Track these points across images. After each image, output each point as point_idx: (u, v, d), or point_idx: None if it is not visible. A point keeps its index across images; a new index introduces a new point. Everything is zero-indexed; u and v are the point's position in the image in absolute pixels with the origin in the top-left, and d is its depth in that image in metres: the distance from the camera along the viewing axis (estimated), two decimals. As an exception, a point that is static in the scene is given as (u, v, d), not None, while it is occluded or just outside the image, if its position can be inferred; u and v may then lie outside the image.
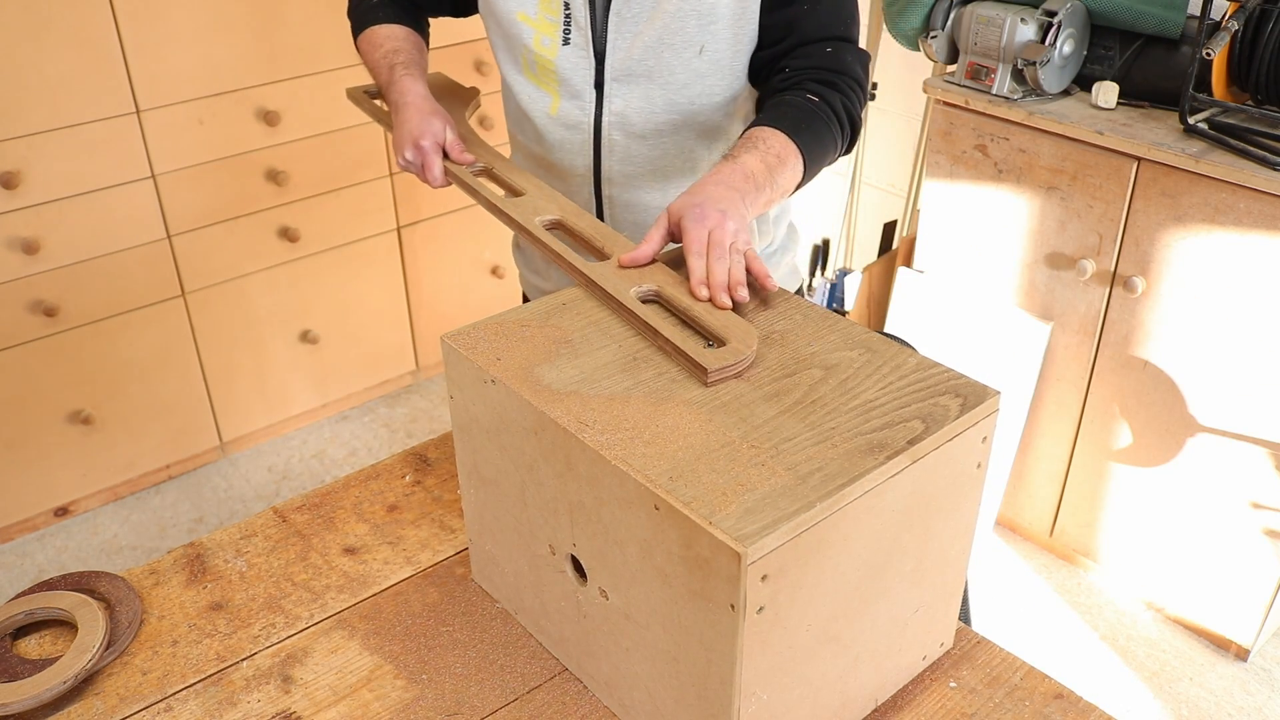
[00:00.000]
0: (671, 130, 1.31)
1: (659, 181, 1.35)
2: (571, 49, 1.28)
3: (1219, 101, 1.93)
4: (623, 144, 1.32)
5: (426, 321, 2.93)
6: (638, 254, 1.07)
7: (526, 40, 1.30)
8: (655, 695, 0.88)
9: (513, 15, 1.30)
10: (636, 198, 1.36)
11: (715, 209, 1.05)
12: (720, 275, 1.01)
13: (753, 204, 1.09)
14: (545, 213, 1.21)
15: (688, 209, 1.06)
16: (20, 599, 1.06)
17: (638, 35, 1.25)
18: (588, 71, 1.29)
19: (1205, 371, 1.96)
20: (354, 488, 1.24)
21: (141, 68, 2.21)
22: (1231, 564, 2.03)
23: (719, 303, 0.99)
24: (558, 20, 1.28)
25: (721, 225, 1.04)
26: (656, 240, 1.08)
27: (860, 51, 1.26)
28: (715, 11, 1.24)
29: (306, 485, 2.61)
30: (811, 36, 1.23)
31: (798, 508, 0.76)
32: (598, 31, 1.27)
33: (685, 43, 1.25)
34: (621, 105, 1.29)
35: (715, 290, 1.00)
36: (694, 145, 1.33)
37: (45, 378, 2.30)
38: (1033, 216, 2.14)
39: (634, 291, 1.02)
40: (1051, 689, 0.98)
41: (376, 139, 2.62)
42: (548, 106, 1.33)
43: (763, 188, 1.11)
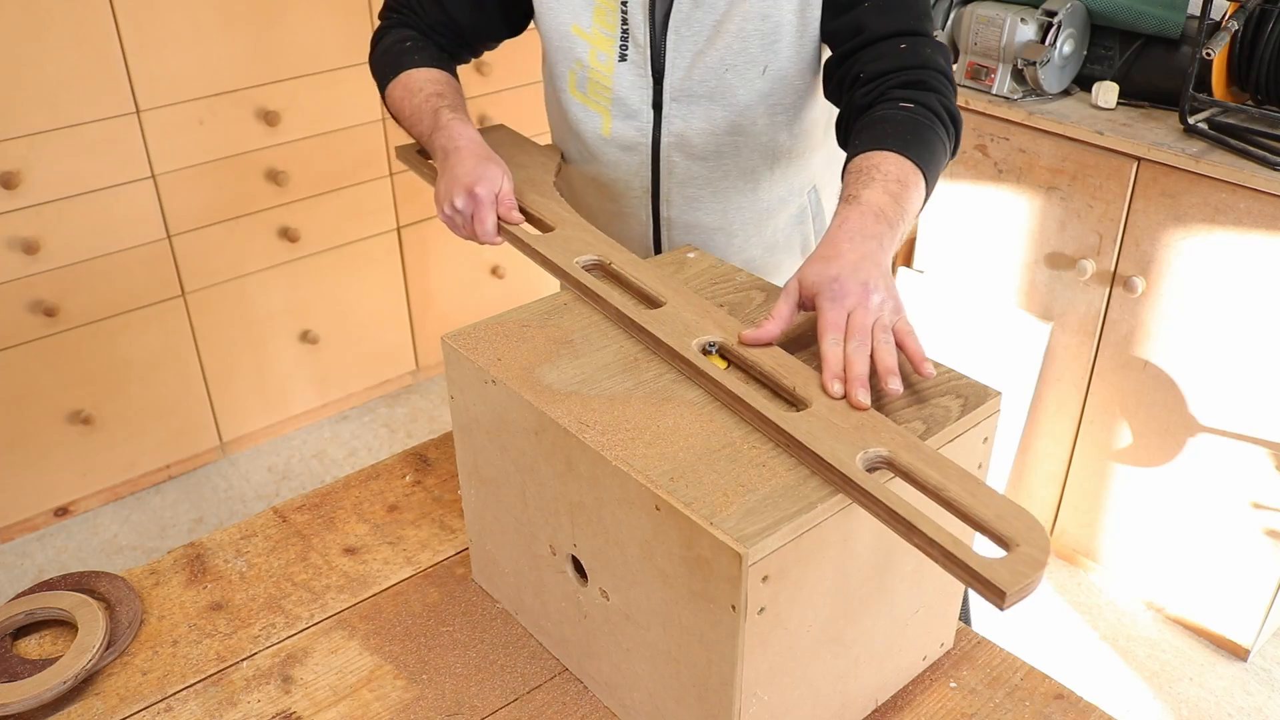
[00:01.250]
0: (733, 150, 1.25)
1: (719, 201, 1.29)
2: (628, 66, 1.22)
3: (1219, 101, 1.93)
4: (683, 165, 1.26)
5: (426, 321, 2.93)
6: (762, 332, 0.92)
7: (580, 54, 1.24)
8: (656, 696, 0.88)
9: (566, 28, 1.24)
10: (696, 219, 1.31)
11: (855, 280, 0.90)
12: (860, 366, 0.86)
13: (890, 246, 0.96)
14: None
15: (823, 283, 0.91)
16: (20, 599, 1.06)
17: (699, 55, 1.20)
18: (645, 90, 1.23)
19: (1205, 371, 1.96)
20: (354, 488, 1.24)
21: (141, 68, 2.21)
22: (1231, 564, 2.03)
23: (855, 399, 0.84)
24: (614, 35, 1.21)
25: (864, 302, 0.89)
26: (785, 315, 0.93)
27: (938, 43, 1.15)
28: (779, 30, 1.18)
29: (306, 485, 2.61)
30: (881, 33, 1.13)
31: (799, 508, 0.76)
32: (656, 49, 1.21)
33: (748, 63, 1.20)
34: (681, 126, 1.24)
35: (852, 384, 0.85)
36: (756, 164, 1.27)
37: (45, 378, 2.30)
38: (1033, 216, 2.14)
39: (860, 460, 0.79)
40: (1051, 689, 0.98)
41: (377, 139, 2.62)
42: (598, 127, 1.27)
43: (896, 223, 0.98)
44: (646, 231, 1.34)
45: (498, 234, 1.15)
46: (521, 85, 2.79)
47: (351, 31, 2.47)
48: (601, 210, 1.35)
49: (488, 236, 1.15)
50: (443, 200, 1.17)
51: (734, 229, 1.32)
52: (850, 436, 0.81)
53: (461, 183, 1.14)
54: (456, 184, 1.15)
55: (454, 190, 1.15)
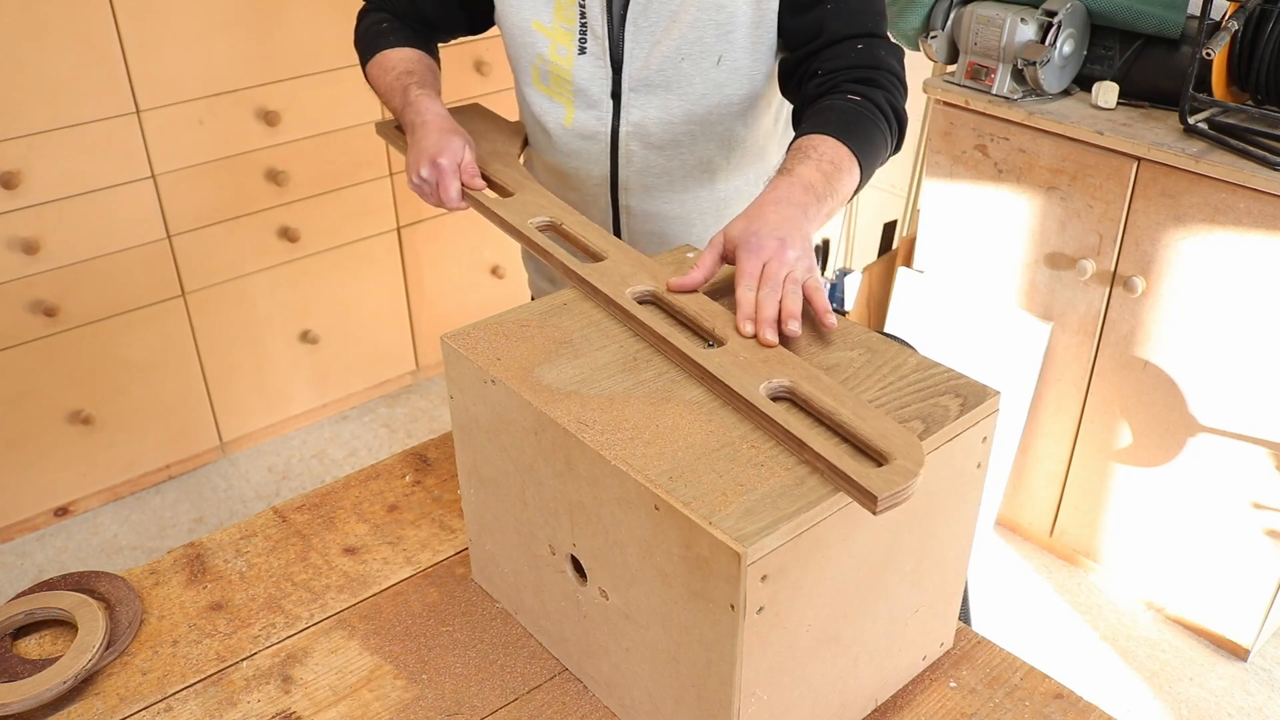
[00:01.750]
0: (689, 140, 1.29)
1: (676, 191, 1.33)
2: (588, 59, 1.26)
3: (1219, 101, 1.93)
4: (640, 154, 1.30)
5: (426, 321, 2.93)
6: (687, 280, 1.01)
7: (541, 49, 1.28)
8: (655, 695, 0.88)
9: (526, 24, 1.28)
10: (654, 207, 1.35)
11: (773, 237, 0.98)
12: (769, 309, 0.94)
13: (815, 217, 1.03)
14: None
15: (743, 237, 0.99)
16: (20, 599, 1.06)
17: (655, 45, 1.24)
18: (605, 81, 1.27)
19: (1205, 371, 1.96)
20: (354, 488, 1.24)
21: (141, 68, 2.21)
22: (1231, 564, 2.03)
23: (763, 338, 0.93)
24: (573, 29, 1.26)
25: (779, 255, 0.97)
26: (708, 264, 1.02)
27: (892, 45, 1.22)
28: (734, 21, 1.22)
29: (306, 485, 2.61)
30: (840, 35, 1.20)
31: (798, 508, 0.76)
32: (614, 41, 1.25)
33: (703, 53, 1.23)
34: (640, 115, 1.28)
35: (761, 325, 0.93)
36: (712, 154, 1.31)
37: (45, 378, 2.30)
38: (1033, 216, 2.14)
39: (764, 389, 0.88)
40: (1051, 689, 0.98)
41: (376, 139, 2.62)
42: (561, 117, 1.32)
43: (824, 198, 1.05)
44: (606, 220, 1.38)
45: (461, 199, 1.23)
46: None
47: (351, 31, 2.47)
48: (564, 199, 1.38)
49: (452, 202, 1.23)
50: (411, 170, 1.25)
51: (692, 218, 1.36)
52: (757, 370, 0.89)
53: (427, 153, 1.22)
54: (423, 155, 1.23)
55: (420, 160, 1.23)
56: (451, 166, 1.22)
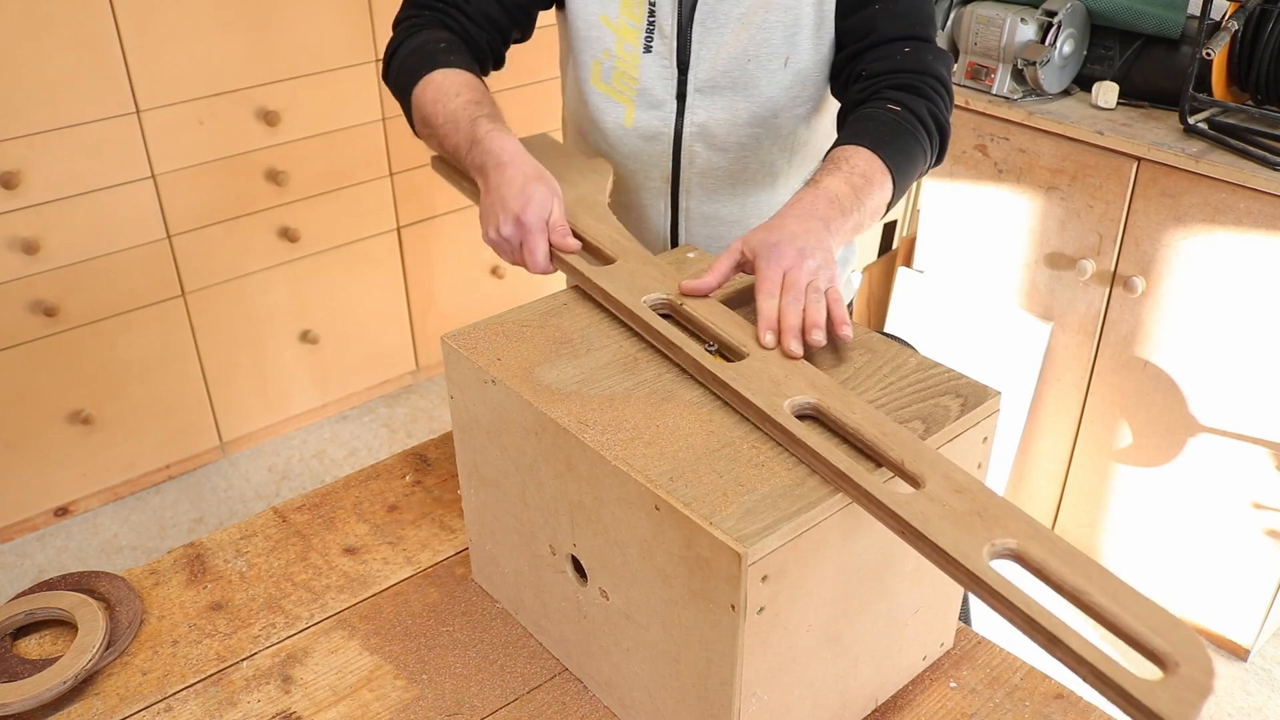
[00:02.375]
0: (754, 142, 1.27)
1: (738, 194, 1.31)
2: (654, 58, 1.24)
3: (1219, 101, 1.93)
4: (704, 156, 1.28)
5: (426, 321, 2.93)
6: (701, 284, 0.98)
7: (608, 44, 1.25)
8: (655, 695, 0.88)
9: (594, 17, 1.25)
10: (713, 210, 1.32)
11: (793, 247, 0.96)
12: (793, 318, 0.91)
13: (839, 231, 1.01)
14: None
15: (763, 247, 0.97)
16: (20, 599, 1.05)
17: (723, 46, 1.22)
18: (669, 81, 1.25)
19: (1205, 371, 1.96)
20: (354, 488, 1.24)
21: (141, 68, 2.21)
22: (1231, 564, 2.03)
23: (787, 349, 0.90)
24: (640, 27, 1.23)
25: (799, 265, 0.95)
26: (723, 270, 0.99)
27: (941, 51, 1.19)
28: (799, 23, 1.21)
29: (306, 485, 2.61)
30: (888, 36, 1.17)
31: (798, 508, 0.76)
32: (682, 41, 1.23)
33: (770, 54, 1.22)
34: (704, 117, 1.26)
35: (785, 335, 0.91)
36: (775, 157, 1.29)
37: (45, 378, 2.30)
38: (1033, 216, 2.14)
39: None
40: (1051, 689, 0.98)
41: (377, 139, 2.62)
42: (621, 117, 1.28)
43: (849, 212, 1.02)
44: (664, 222, 1.35)
45: (551, 263, 1.07)
46: (526, 84, 2.79)
47: (351, 31, 2.47)
48: (618, 200, 1.35)
49: (539, 268, 1.07)
50: (488, 224, 1.08)
51: (750, 221, 1.33)
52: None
53: (509, 207, 1.06)
54: (504, 209, 1.06)
55: (501, 215, 1.07)
56: (539, 224, 1.05)
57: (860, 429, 0.82)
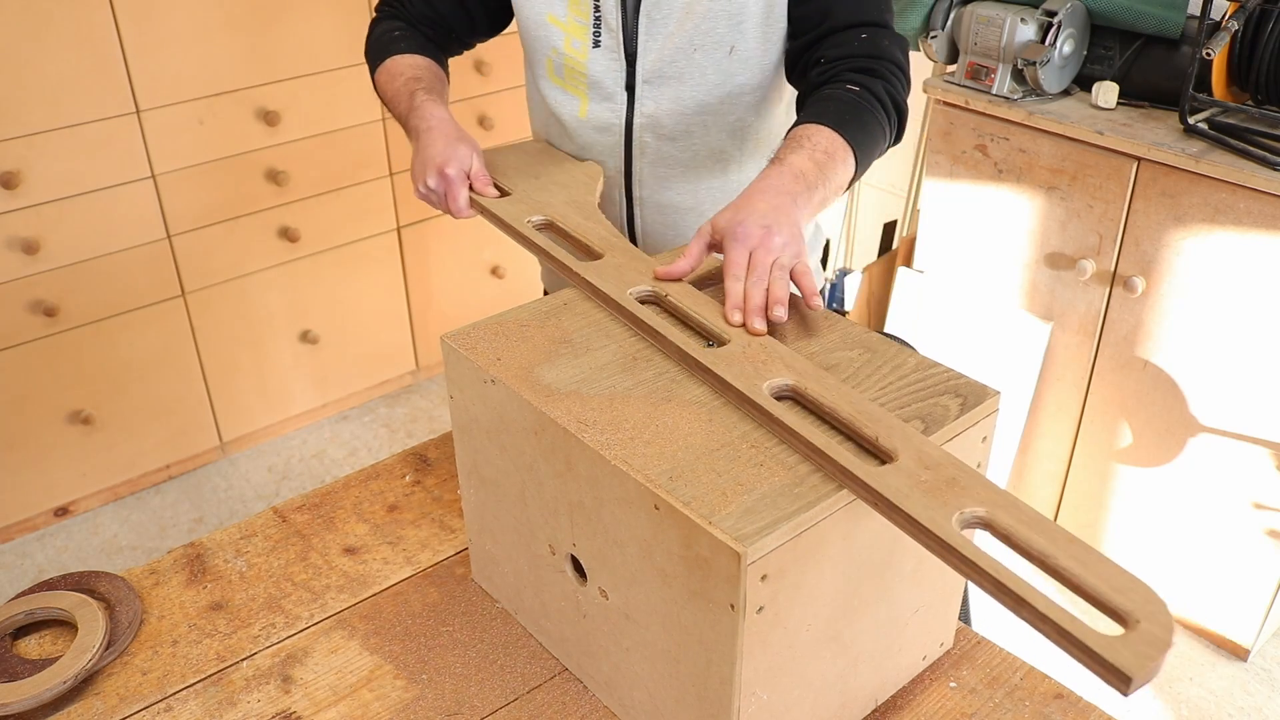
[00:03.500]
0: (702, 130, 1.30)
1: (690, 181, 1.34)
2: (602, 51, 1.27)
3: (1219, 101, 1.93)
4: (654, 145, 1.31)
5: (426, 321, 2.93)
6: (674, 268, 1.02)
7: (556, 43, 1.29)
8: (655, 695, 0.88)
9: (541, 17, 1.29)
10: (667, 198, 1.35)
11: (759, 225, 0.98)
12: (757, 298, 0.95)
13: (805, 204, 1.04)
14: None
15: (730, 227, 1.00)
16: (20, 599, 1.06)
17: (669, 37, 1.24)
18: (619, 74, 1.28)
19: (1205, 371, 1.96)
20: (354, 488, 1.24)
21: (141, 68, 2.21)
22: (1231, 564, 2.03)
23: (751, 327, 0.93)
24: (587, 23, 1.26)
25: (765, 243, 0.97)
26: (695, 254, 1.02)
27: (897, 36, 1.22)
28: (745, 11, 1.22)
29: (306, 485, 2.61)
30: (845, 23, 1.20)
31: (798, 508, 0.76)
32: (628, 33, 1.26)
33: (716, 43, 1.24)
34: (653, 107, 1.28)
35: (749, 314, 0.94)
36: (725, 144, 1.32)
37: (45, 378, 2.30)
38: (1033, 216, 2.14)
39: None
40: (1051, 689, 0.98)
41: (377, 139, 2.62)
42: (576, 110, 1.32)
43: (815, 186, 1.05)
44: (620, 211, 1.38)
45: (469, 208, 1.23)
46: (521, 85, 2.79)
47: (351, 31, 2.47)
48: None
49: (462, 212, 1.22)
50: (417, 179, 1.24)
51: (705, 209, 1.36)
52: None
53: (433, 162, 1.21)
54: (429, 164, 1.22)
55: (427, 170, 1.22)
56: (459, 176, 1.21)
57: (836, 408, 0.85)
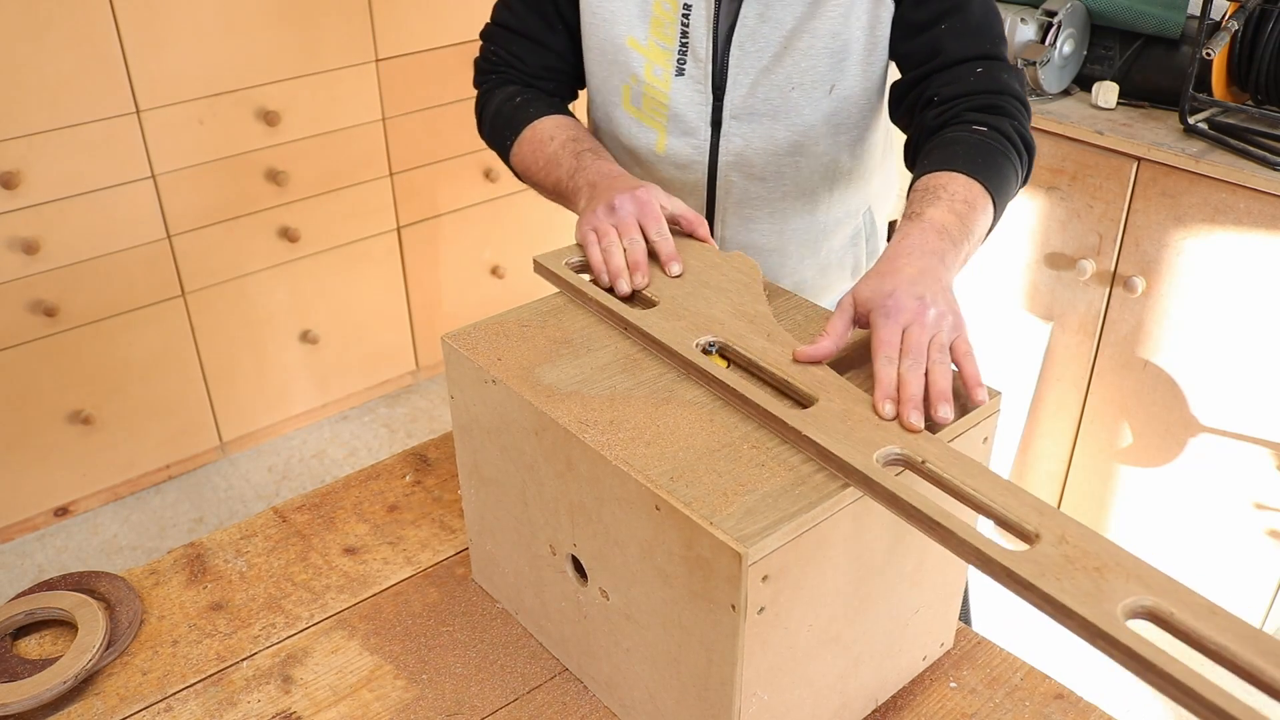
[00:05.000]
0: (794, 170, 1.21)
1: (776, 222, 1.25)
2: (686, 81, 1.17)
3: (1219, 101, 1.93)
4: (740, 184, 1.22)
5: (426, 321, 2.93)
6: (817, 350, 0.88)
7: (635, 69, 1.18)
8: (656, 695, 0.88)
9: (620, 40, 1.18)
10: (751, 239, 1.26)
11: (911, 296, 0.86)
12: (913, 386, 0.82)
13: (953, 264, 0.94)
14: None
15: (877, 299, 0.87)
16: (20, 599, 1.05)
17: (765, 72, 1.16)
18: (704, 107, 1.18)
19: (1205, 371, 1.96)
20: (354, 488, 1.24)
21: (141, 68, 2.21)
22: (1231, 564, 2.03)
23: (907, 423, 0.80)
24: (672, 49, 1.17)
25: (920, 318, 0.85)
26: (839, 331, 0.89)
27: (1012, 68, 1.14)
28: (848, 49, 1.15)
29: (306, 485, 2.61)
30: (957, 57, 1.11)
31: (799, 508, 0.76)
32: (718, 64, 1.17)
33: (816, 82, 1.16)
34: (741, 145, 1.19)
35: (905, 406, 0.81)
36: (816, 185, 1.24)
37: (45, 378, 2.30)
38: (1033, 216, 2.14)
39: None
40: (1051, 689, 0.98)
41: (377, 139, 2.62)
42: (653, 143, 1.22)
43: (960, 242, 0.95)
44: None
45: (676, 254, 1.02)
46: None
47: (351, 31, 2.47)
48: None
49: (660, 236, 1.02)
50: (595, 207, 1.05)
51: (789, 250, 1.28)
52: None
53: (623, 187, 1.05)
54: (613, 190, 1.05)
55: (616, 197, 1.04)
56: (654, 199, 1.04)
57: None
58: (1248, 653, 0.65)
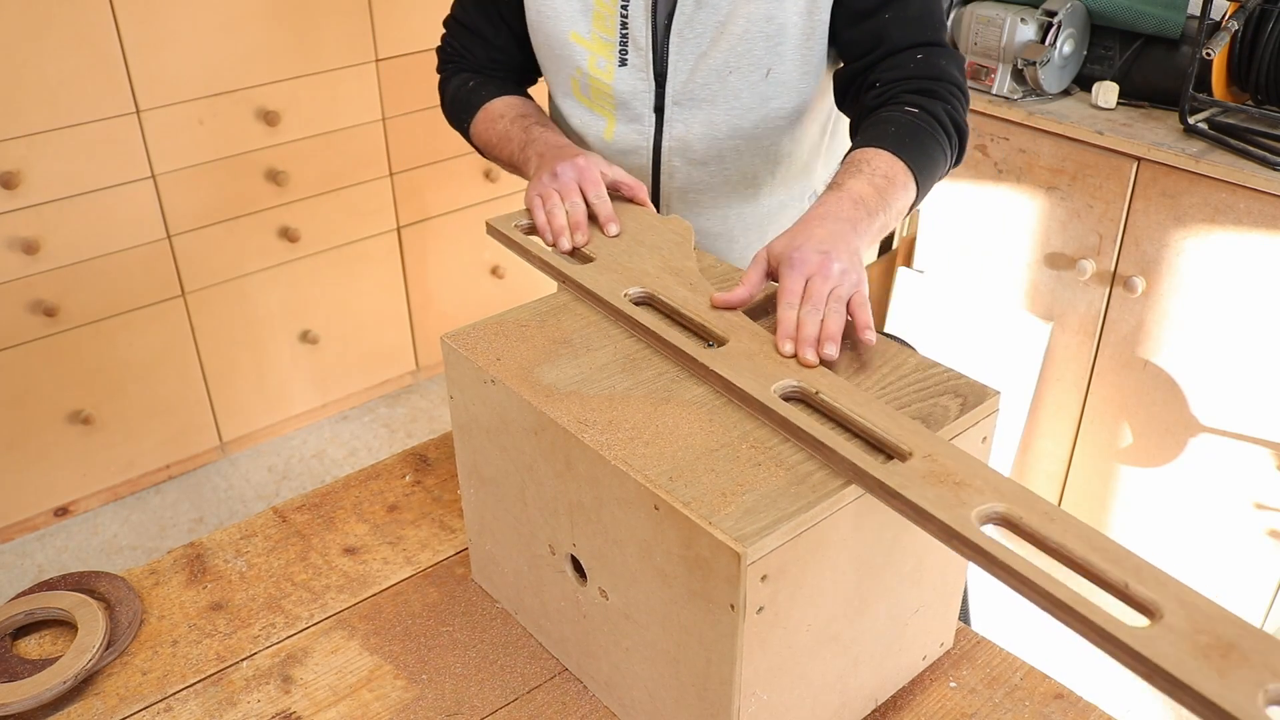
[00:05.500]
0: (734, 154, 1.25)
1: (719, 207, 1.29)
2: (629, 71, 1.22)
3: (1219, 101, 1.93)
4: (683, 169, 1.26)
5: (426, 321, 2.93)
6: (732, 296, 0.97)
7: (580, 62, 1.24)
8: (655, 695, 0.88)
9: (564, 36, 1.23)
10: (696, 224, 1.30)
11: (816, 251, 0.94)
12: (810, 329, 0.90)
13: (865, 231, 1.00)
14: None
15: (786, 253, 0.96)
16: (20, 599, 1.06)
17: (702, 57, 1.19)
18: (647, 95, 1.23)
19: (1205, 371, 1.96)
20: (354, 488, 1.24)
21: (141, 68, 2.21)
22: (1231, 564, 2.03)
23: (804, 359, 0.89)
24: (613, 40, 1.21)
25: (823, 271, 0.93)
26: (753, 281, 0.98)
27: (954, 55, 1.18)
28: (783, 33, 1.18)
29: (306, 485, 2.61)
30: (900, 44, 1.15)
31: (798, 508, 0.76)
32: (658, 53, 1.21)
33: (752, 66, 1.19)
34: (683, 130, 1.24)
35: (801, 345, 0.90)
36: (757, 169, 1.27)
37: (45, 378, 2.30)
38: (1033, 216, 2.14)
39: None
40: (1051, 689, 0.98)
41: (377, 139, 2.62)
42: (601, 130, 1.27)
43: (875, 212, 1.01)
44: None
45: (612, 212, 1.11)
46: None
47: (351, 31, 2.47)
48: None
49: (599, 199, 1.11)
50: (540, 175, 1.14)
51: (734, 234, 1.32)
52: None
53: (566, 156, 1.14)
54: (560, 158, 1.13)
55: (558, 164, 1.13)
56: (595, 165, 1.13)
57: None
58: (1083, 549, 0.73)
